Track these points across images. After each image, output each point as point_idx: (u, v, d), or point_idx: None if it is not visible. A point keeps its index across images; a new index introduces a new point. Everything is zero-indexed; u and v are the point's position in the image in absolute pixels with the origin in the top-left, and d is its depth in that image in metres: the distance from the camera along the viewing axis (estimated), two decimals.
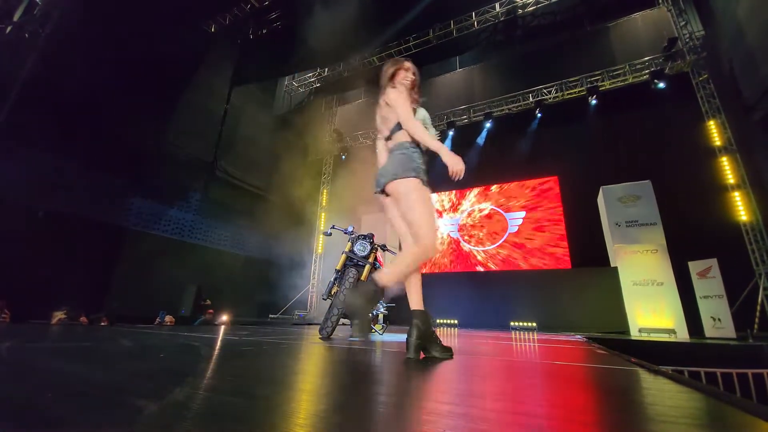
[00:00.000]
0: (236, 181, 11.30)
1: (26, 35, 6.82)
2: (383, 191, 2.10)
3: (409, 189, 1.95)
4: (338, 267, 3.78)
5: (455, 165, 1.94)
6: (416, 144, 2.07)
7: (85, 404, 0.84)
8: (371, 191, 2.20)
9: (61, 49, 6.91)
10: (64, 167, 7.06)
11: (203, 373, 1.32)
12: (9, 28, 6.82)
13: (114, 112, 7.76)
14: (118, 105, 7.85)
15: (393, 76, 2.25)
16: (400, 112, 2.06)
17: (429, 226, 1.92)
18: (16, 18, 6.97)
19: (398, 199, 2.01)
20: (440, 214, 11.40)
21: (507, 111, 10.92)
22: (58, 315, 5.89)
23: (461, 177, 1.97)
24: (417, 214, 1.92)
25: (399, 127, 2.09)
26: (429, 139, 2.01)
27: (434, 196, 11.53)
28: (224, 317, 8.20)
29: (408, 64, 2.28)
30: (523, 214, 10.17)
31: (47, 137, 6.76)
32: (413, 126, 2.03)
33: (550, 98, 10.24)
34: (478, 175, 11.17)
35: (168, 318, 7.62)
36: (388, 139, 2.20)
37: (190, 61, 10.01)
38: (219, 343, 2.60)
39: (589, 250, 8.84)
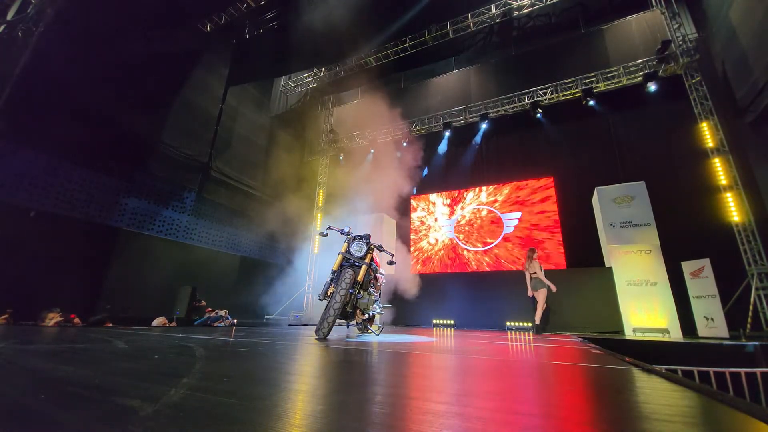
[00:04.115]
0: (231, 182, 11.22)
1: (19, 34, 6.75)
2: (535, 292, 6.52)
3: (543, 293, 6.41)
4: (335, 267, 3.77)
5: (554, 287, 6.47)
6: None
7: (79, 405, 0.83)
8: (368, 192, 2.24)
9: (54, 49, 6.84)
10: (58, 167, 6.98)
11: (199, 374, 1.31)
12: (2, 27, 6.74)
13: (109, 112, 7.69)
14: (113, 105, 7.78)
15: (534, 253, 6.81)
16: (542, 275, 6.50)
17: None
18: (9, 17, 6.90)
19: (539, 293, 6.41)
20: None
21: (503, 112, 10.96)
22: (53, 316, 5.82)
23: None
24: (543, 299, 6.43)
25: (536, 274, 6.53)
26: (546, 279, 6.47)
27: (432, 197, 11.57)
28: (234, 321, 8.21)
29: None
30: (518, 214, 10.21)
31: (41, 137, 6.69)
32: (545, 278, 6.46)
33: (545, 99, 10.29)
34: (474, 176, 11.22)
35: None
36: (528, 271, 6.63)
37: (185, 60, 9.94)
38: (214, 344, 2.58)
39: (584, 251, 8.90)
